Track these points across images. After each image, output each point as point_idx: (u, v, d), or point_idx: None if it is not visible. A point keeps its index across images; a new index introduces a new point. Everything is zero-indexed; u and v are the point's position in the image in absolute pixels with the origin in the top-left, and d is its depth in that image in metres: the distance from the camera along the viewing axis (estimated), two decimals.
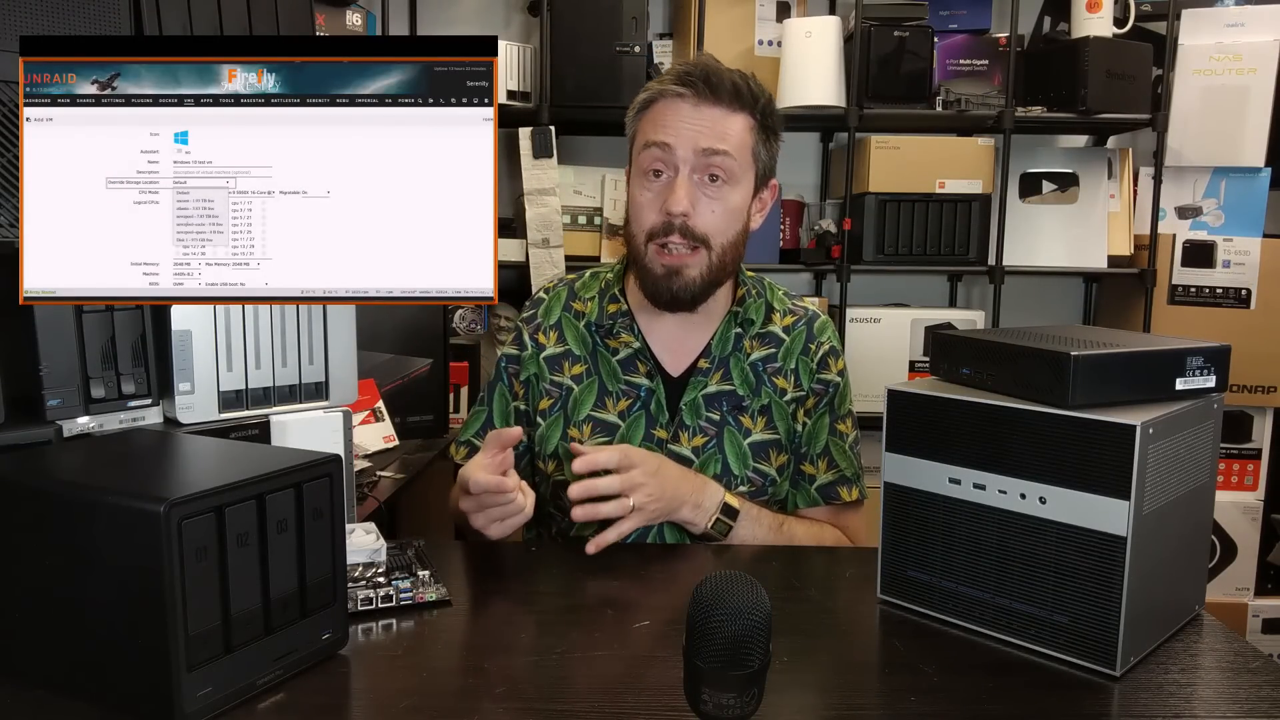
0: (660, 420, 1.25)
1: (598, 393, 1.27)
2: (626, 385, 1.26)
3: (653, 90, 1.20)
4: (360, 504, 1.52)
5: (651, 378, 1.26)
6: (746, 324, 1.29)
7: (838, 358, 1.32)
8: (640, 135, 1.22)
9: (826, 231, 2.42)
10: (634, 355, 1.27)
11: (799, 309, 1.34)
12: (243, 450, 0.89)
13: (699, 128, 1.16)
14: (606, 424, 1.26)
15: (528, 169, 2.27)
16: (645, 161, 1.19)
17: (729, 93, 1.17)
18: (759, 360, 1.28)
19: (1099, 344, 0.86)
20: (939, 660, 0.84)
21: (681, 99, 1.17)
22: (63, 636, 0.74)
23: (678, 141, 1.16)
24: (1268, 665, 0.84)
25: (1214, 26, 2.37)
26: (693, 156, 1.16)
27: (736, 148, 1.18)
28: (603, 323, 1.28)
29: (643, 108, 1.22)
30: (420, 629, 0.89)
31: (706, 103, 1.16)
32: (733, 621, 0.60)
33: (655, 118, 1.19)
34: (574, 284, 1.35)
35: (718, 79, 1.16)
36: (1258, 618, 2.44)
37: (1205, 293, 2.40)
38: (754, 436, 1.26)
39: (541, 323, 1.32)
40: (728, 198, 1.19)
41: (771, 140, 1.23)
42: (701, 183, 1.18)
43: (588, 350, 1.29)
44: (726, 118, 1.17)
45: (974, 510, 0.88)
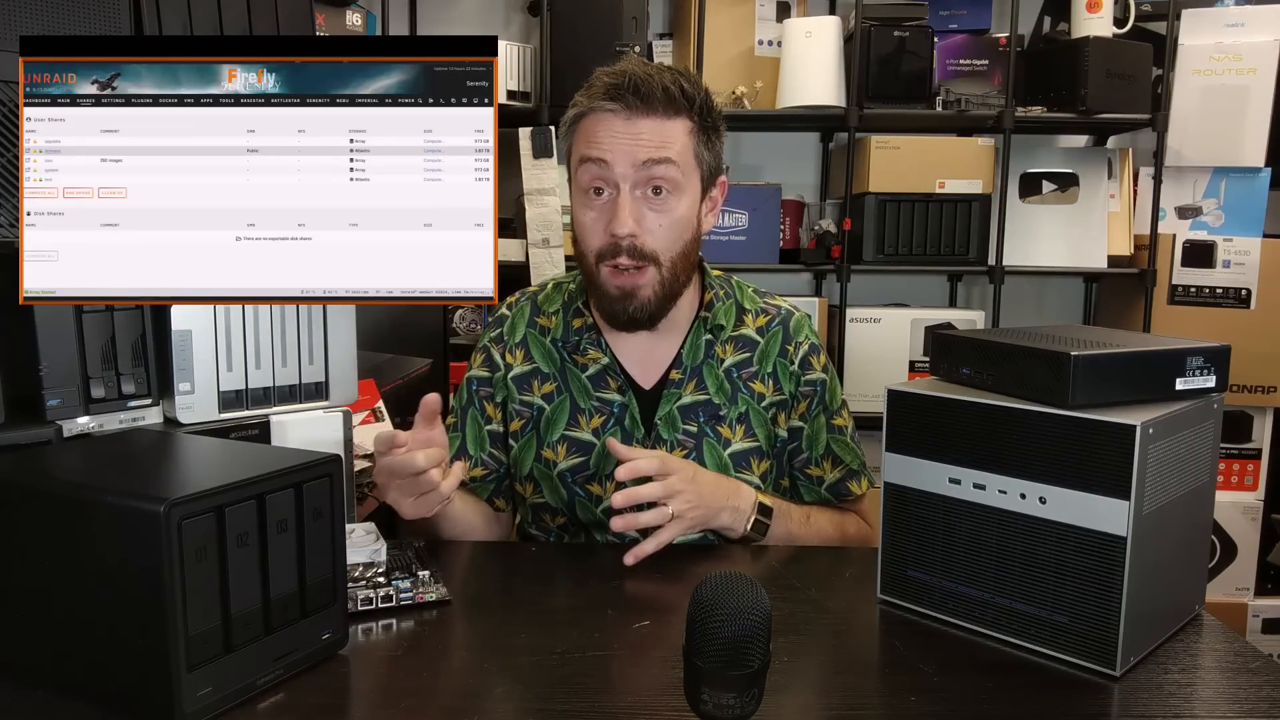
0: (636, 435, 1.22)
1: (570, 411, 1.24)
2: (599, 402, 1.23)
3: (581, 105, 1.14)
4: (360, 504, 1.52)
5: (623, 392, 1.23)
6: (716, 329, 1.25)
7: (819, 354, 1.29)
8: (575, 151, 1.16)
9: (826, 231, 2.42)
10: (603, 371, 1.23)
11: (771, 308, 1.30)
12: (243, 450, 0.89)
13: (635, 141, 1.11)
14: (581, 443, 1.23)
15: (528, 169, 2.27)
16: (584, 179, 1.14)
17: (662, 99, 1.11)
18: (733, 366, 1.25)
19: (1099, 344, 0.86)
20: (939, 660, 0.84)
21: (613, 114, 1.11)
22: (63, 636, 0.74)
23: (614, 158, 1.11)
24: (1268, 665, 0.84)
25: (1214, 26, 2.37)
26: (632, 172, 1.11)
27: (678, 154, 1.12)
28: (569, 339, 1.25)
29: (574, 122, 1.17)
30: (420, 629, 0.89)
31: (639, 114, 1.11)
32: (733, 621, 0.60)
33: (588, 134, 1.14)
34: (536, 297, 1.31)
35: (647, 87, 1.10)
36: (1258, 618, 2.44)
37: (1205, 293, 2.40)
38: (734, 446, 1.23)
39: (508, 341, 1.28)
40: (674, 209, 1.14)
41: (714, 138, 1.17)
42: (645, 197, 1.13)
43: (556, 367, 1.25)
44: (663, 126, 1.12)
45: (974, 510, 0.88)
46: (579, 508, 1.23)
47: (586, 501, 1.23)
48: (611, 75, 1.13)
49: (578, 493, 1.23)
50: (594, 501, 1.23)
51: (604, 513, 1.20)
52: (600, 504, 1.22)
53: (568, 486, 1.23)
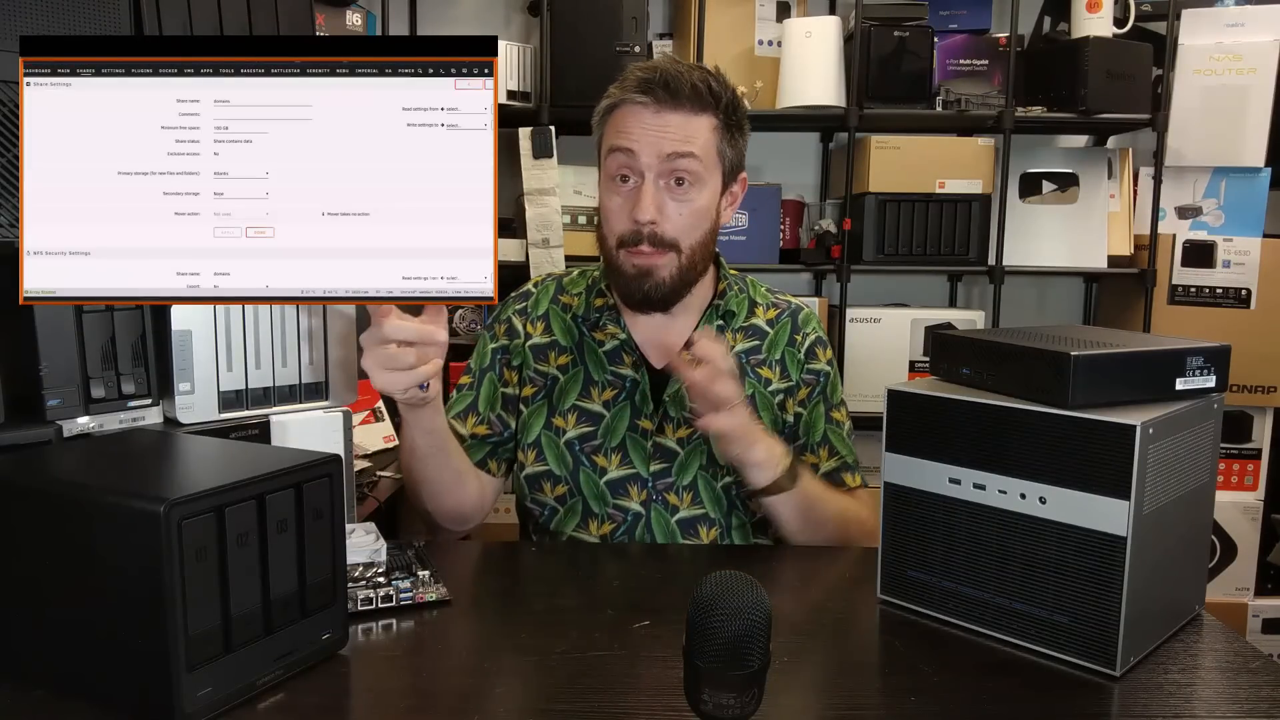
0: (645, 411, 1.26)
1: (583, 382, 1.28)
2: (612, 375, 1.27)
3: (614, 97, 1.20)
4: (360, 504, 1.52)
5: (637, 369, 1.27)
6: (729, 316, 1.30)
7: (825, 348, 1.33)
8: (605, 140, 1.22)
9: (826, 231, 2.42)
10: (619, 347, 1.28)
11: (782, 302, 1.36)
12: (243, 450, 0.89)
13: (662, 133, 1.17)
14: (591, 413, 1.27)
15: (528, 169, 2.27)
16: (611, 167, 1.20)
17: (689, 96, 1.17)
18: (743, 353, 1.29)
19: (1099, 344, 0.86)
20: (939, 660, 0.84)
21: (643, 106, 1.17)
22: (63, 636, 0.74)
23: (641, 148, 1.17)
24: (1268, 665, 0.84)
25: (1214, 26, 2.37)
26: (657, 162, 1.17)
27: (701, 149, 1.18)
28: (589, 316, 1.30)
29: (606, 113, 1.22)
30: (420, 629, 0.89)
31: (668, 108, 1.17)
32: (733, 621, 0.60)
33: (618, 124, 1.20)
34: (561, 279, 1.37)
35: (677, 83, 1.16)
36: (1258, 618, 2.44)
37: (1205, 293, 2.40)
38: None
39: (531, 313, 1.33)
40: (695, 200, 1.19)
41: (737, 136, 1.23)
42: (668, 187, 1.18)
43: (574, 341, 1.30)
44: (689, 121, 1.18)
45: (974, 510, 0.88)
46: (582, 477, 1.25)
47: (590, 471, 1.25)
48: (644, 70, 1.19)
49: (583, 462, 1.26)
50: (598, 472, 1.25)
51: (606, 484, 1.25)
52: (604, 475, 1.25)
53: (574, 454, 1.26)
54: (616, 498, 1.24)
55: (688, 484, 1.24)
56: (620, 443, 1.25)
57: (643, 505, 1.24)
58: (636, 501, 1.24)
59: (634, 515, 1.24)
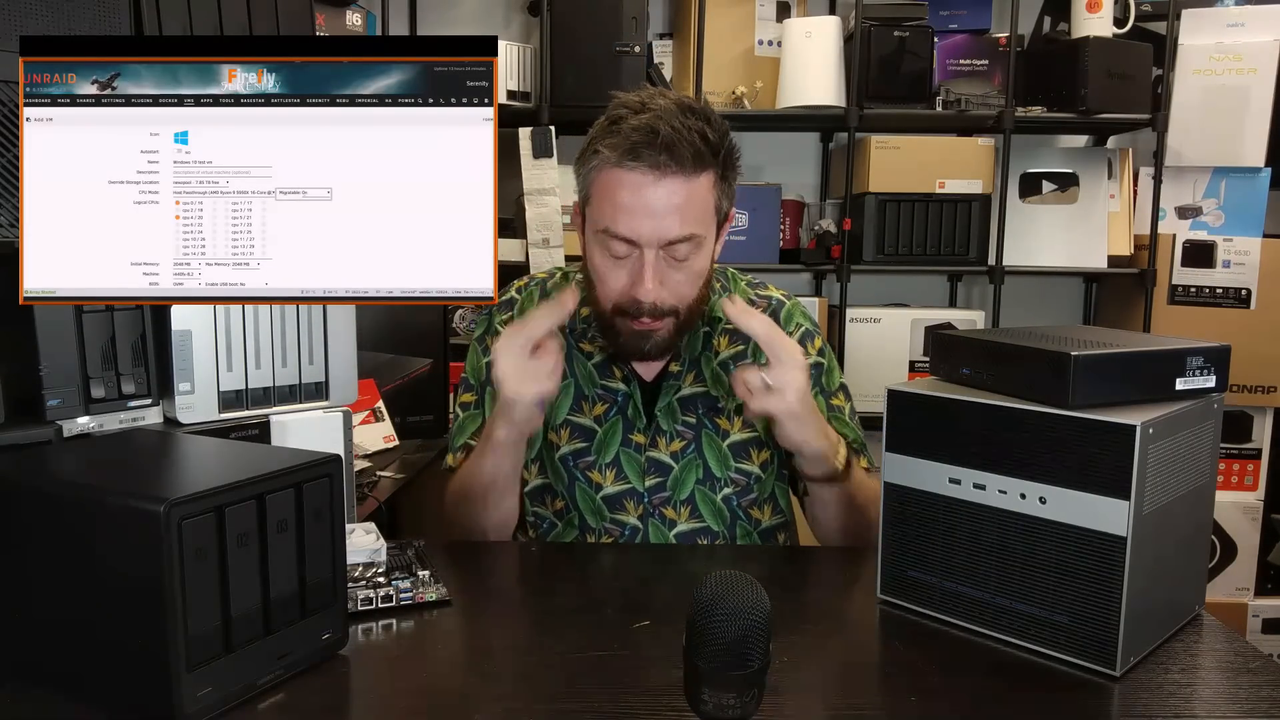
0: (638, 425, 1.23)
1: (574, 396, 1.25)
2: (603, 389, 1.25)
3: (606, 158, 1.10)
4: (360, 504, 1.52)
5: (628, 382, 1.24)
6: (713, 320, 1.27)
7: (813, 339, 1.29)
8: (595, 203, 1.13)
9: (826, 231, 2.42)
10: (608, 359, 1.25)
11: (762, 299, 1.31)
12: (243, 450, 0.89)
13: (663, 218, 1.09)
14: (584, 428, 1.24)
15: (528, 169, 2.27)
16: (610, 245, 1.12)
17: (690, 159, 1.08)
18: (729, 358, 1.26)
19: (1099, 344, 0.86)
20: (939, 660, 0.84)
21: (642, 175, 1.08)
22: (63, 637, 0.74)
23: (641, 235, 1.09)
24: (1268, 665, 0.84)
25: (1214, 26, 2.37)
26: (656, 242, 1.10)
27: (699, 217, 1.11)
28: (574, 325, 1.26)
29: (596, 170, 1.13)
30: (420, 629, 0.89)
31: (669, 173, 1.08)
32: (733, 621, 0.60)
33: (611, 194, 1.10)
34: (545, 284, 1.33)
35: (679, 147, 1.07)
36: (1258, 618, 2.44)
37: (1205, 293, 2.40)
38: (733, 437, 1.24)
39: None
40: (695, 264, 1.14)
41: (731, 180, 1.16)
42: (668, 259, 1.12)
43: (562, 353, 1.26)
44: (689, 183, 1.09)
45: (974, 510, 0.88)
46: (578, 492, 1.24)
47: (585, 487, 1.23)
48: (640, 132, 1.07)
49: (578, 477, 1.24)
50: (594, 488, 1.23)
51: (603, 500, 1.22)
52: (600, 490, 1.23)
53: (569, 470, 1.24)
54: (614, 512, 1.22)
55: (685, 498, 1.22)
56: (614, 458, 1.23)
57: (640, 520, 1.22)
58: (634, 516, 1.22)
59: (631, 529, 1.22)
